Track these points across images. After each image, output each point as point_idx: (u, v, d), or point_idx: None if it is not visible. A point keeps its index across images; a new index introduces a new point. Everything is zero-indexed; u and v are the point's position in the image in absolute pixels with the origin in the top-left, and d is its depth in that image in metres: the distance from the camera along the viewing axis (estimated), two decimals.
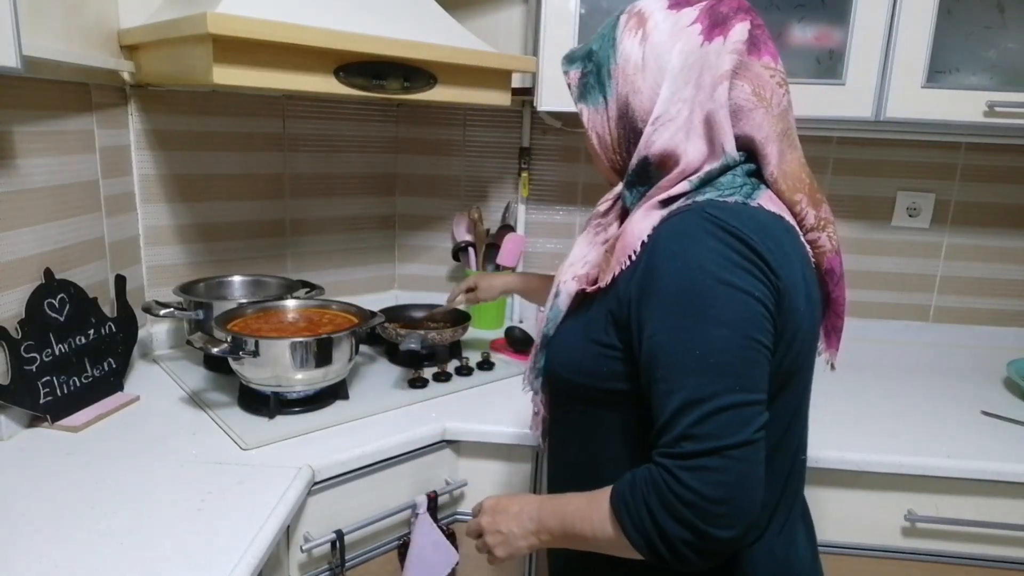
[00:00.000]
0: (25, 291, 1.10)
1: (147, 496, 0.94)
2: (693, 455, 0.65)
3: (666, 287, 0.69)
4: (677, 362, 0.67)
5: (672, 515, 0.65)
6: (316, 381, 1.21)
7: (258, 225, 1.63)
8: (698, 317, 0.67)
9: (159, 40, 1.20)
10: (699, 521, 0.64)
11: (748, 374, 0.67)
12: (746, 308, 0.67)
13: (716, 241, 0.68)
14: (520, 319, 1.86)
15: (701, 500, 0.64)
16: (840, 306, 0.84)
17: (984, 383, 1.52)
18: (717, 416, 0.65)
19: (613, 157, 0.83)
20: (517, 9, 1.58)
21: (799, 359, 0.75)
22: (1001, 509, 1.18)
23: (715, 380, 0.66)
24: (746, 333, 0.67)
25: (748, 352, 0.67)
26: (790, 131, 0.78)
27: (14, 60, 0.89)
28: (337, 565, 1.07)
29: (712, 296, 0.67)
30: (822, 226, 0.79)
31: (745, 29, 0.74)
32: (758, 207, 0.73)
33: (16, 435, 1.10)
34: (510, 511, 0.82)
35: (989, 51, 1.35)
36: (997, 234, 1.73)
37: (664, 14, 0.77)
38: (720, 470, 0.64)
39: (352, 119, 1.72)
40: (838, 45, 1.35)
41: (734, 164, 0.75)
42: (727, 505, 0.64)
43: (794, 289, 0.72)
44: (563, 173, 1.80)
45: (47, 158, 1.16)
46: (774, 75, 0.75)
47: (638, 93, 0.77)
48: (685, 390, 0.66)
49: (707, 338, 0.67)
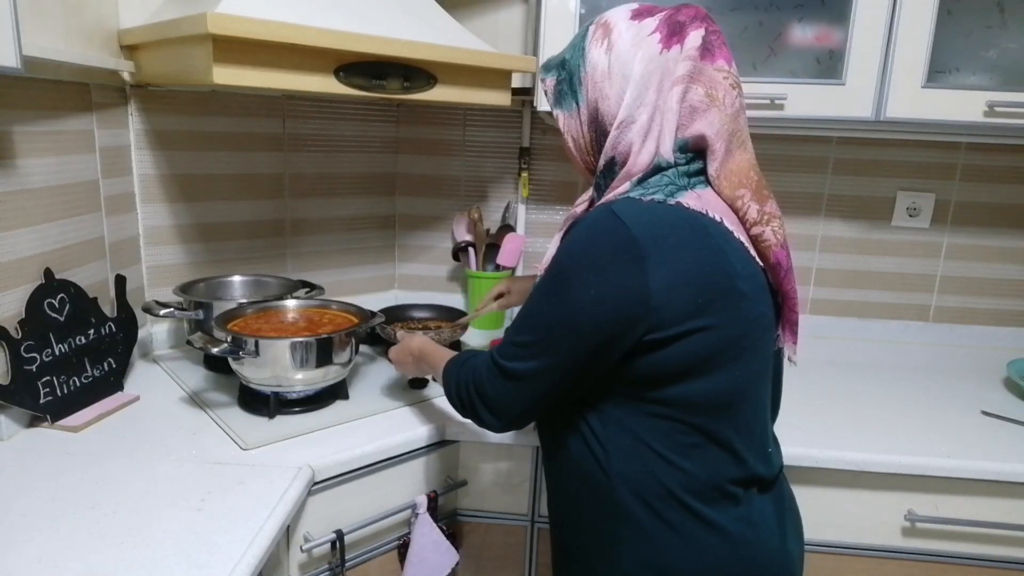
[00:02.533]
0: (25, 291, 1.10)
1: (147, 496, 0.94)
2: (499, 367, 0.87)
3: (550, 263, 0.84)
4: (525, 317, 0.85)
5: (466, 383, 0.93)
6: (316, 381, 1.21)
7: (258, 225, 1.63)
8: (557, 289, 0.81)
9: (159, 40, 1.20)
10: (476, 394, 0.91)
11: (563, 344, 0.80)
12: (595, 295, 0.77)
13: (600, 231, 0.78)
14: None
15: (489, 392, 0.89)
16: (792, 300, 0.88)
17: (984, 383, 1.53)
18: (532, 362, 0.83)
19: (587, 159, 0.90)
20: (517, 9, 1.58)
21: (716, 347, 0.79)
22: (1001, 509, 1.18)
23: (542, 340, 0.82)
24: (579, 312, 0.78)
25: (571, 328, 0.79)
26: (740, 132, 0.84)
27: (14, 60, 0.89)
28: (337, 565, 1.08)
29: (571, 275, 0.79)
30: (766, 220, 0.83)
31: (699, 36, 0.81)
32: (675, 204, 0.79)
33: (16, 435, 1.10)
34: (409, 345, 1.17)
35: (989, 51, 1.35)
36: (997, 234, 1.73)
37: (627, 24, 0.84)
38: (498, 380, 0.88)
39: (352, 119, 1.72)
40: (838, 45, 1.35)
41: (666, 165, 0.81)
42: (488, 402, 0.90)
43: (678, 280, 0.76)
44: (563, 173, 1.80)
45: (47, 158, 1.16)
46: (727, 77, 0.82)
47: (606, 99, 0.84)
48: (522, 334, 0.85)
49: (548, 307, 0.82)
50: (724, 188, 0.83)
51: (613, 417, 0.84)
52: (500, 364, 0.87)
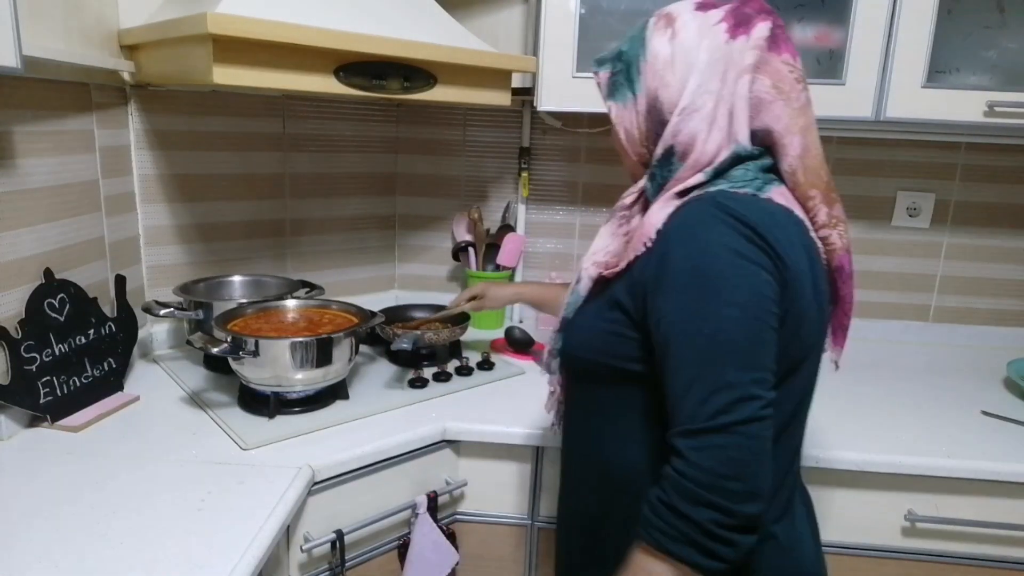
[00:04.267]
0: (25, 291, 1.10)
1: (147, 496, 0.94)
2: (703, 432, 0.67)
3: (677, 271, 0.73)
4: (688, 342, 0.71)
5: (695, 500, 0.67)
6: (316, 381, 1.21)
7: (258, 225, 1.63)
8: (708, 298, 0.71)
9: (159, 40, 1.20)
10: (721, 499, 0.66)
11: (756, 352, 0.70)
12: (755, 288, 0.71)
13: (724, 226, 0.72)
14: (520, 319, 1.86)
15: (716, 478, 0.66)
16: (848, 304, 0.87)
17: (984, 383, 1.52)
18: (723, 393, 0.68)
19: (640, 151, 0.87)
20: (517, 9, 1.58)
21: (805, 348, 0.77)
22: (1001, 509, 1.18)
23: (723, 358, 0.69)
24: (755, 313, 0.70)
25: (756, 331, 0.70)
26: (810, 128, 0.81)
27: (14, 60, 0.89)
28: (337, 565, 1.07)
29: (722, 277, 0.70)
30: (833, 224, 0.82)
31: (767, 28, 0.78)
32: (768, 200, 0.77)
33: (16, 435, 1.10)
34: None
35: (989, 51, 1.35)
36: (997, 234, 1.73)
37: (692, 14, 0.81)
38: (731, 448, 0.67)
39: (352, 119, 1.72)
40: (838, 45, 1.35)
41: (746, 155, 0.79)
42: (740, 481, 0.66)
43: (800, 277, 0.74)
44: (563, 173, 1.80)
45: (47, 158, 1.16)
46: (793, 71, 0.79)
47: (667, 87, 0.80)
48: (694, 367, 0.70)
49: (717, 318, 0.70)
50: (799, 186, 0.80)
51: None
52: (705, 426, 0.67)
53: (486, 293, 1.45)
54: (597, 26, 1.40)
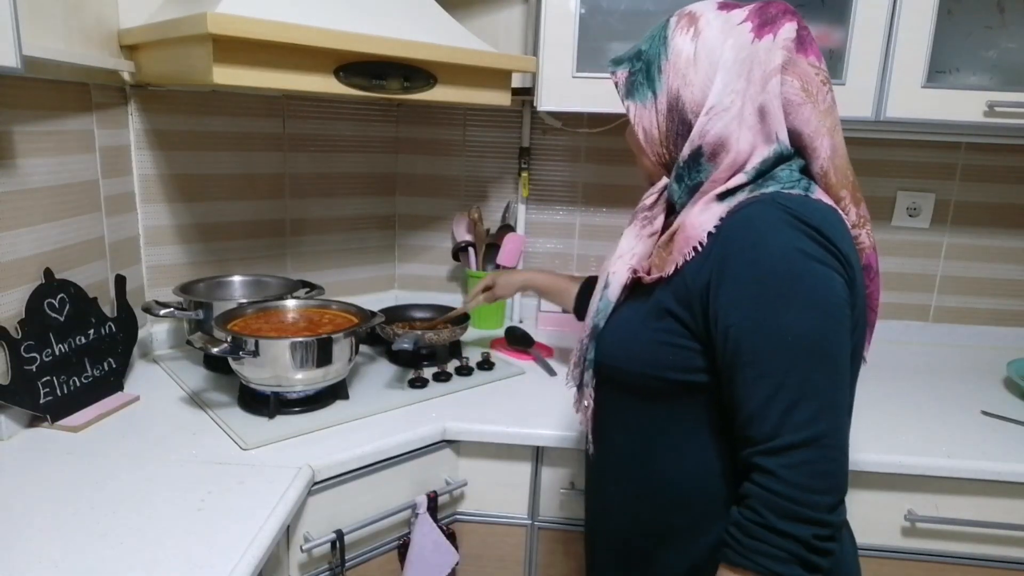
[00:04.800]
0: (25, 291, 1.10)
1: (147, 496, 0.94)
2: (792, 447, 0.67)
3: (747, 275, 0.71)
4: (764, 349, 0.69)
5: (795, 518, 0.66)
6: (316, 381, 1.21)
7: (258, 225, 1.63)
8: (785, 301, 0.69)
9: (159, 40, 1.20)
10: (816, 513, 0.66)
11: (836, 356, 0.69)
12: (831, 290, 0.70)
13: (792, 229, 0.71)
14: (520, 319, 1.86)
15: (812, 494, 0.66)
16: (875, 301, 0.86)
17: (984, 383, 1.52)
18: (810, 402, 0.67)
19: (660, 151, 0.85)
20: (517, 9, 1.58)
21: (858, 344, 0.77)
22: (1001, 509, 1.18)
23: (807, 365, 0.68)
24: (835, 316, 0.69)
25: (837, 334, 0.70)
26: (838, 128, 0.80)
27: (14, 60, 0.89)
28: (337, 565, 1.07)
29: (798, 280, 0.69)
30: (862, 223, 0.82)
31: (793, 28, 0.77)
32: (819, 201, 0.76)
33: (16, 435, 1.10)
34: None
35: (989, 51, 1.35)
36: (997, 234, 1.73)
37: (715, 13, 0.80)
38: (820, 461, 0.67)
39: (352, 119, 1.72)
40: (838, 45, 1.35)
41: (788, 155, 0.78)
42: (832, 493, 0.67)
43: (859, 276, 0.75)
44: (563, 173, 1.80)
45: (47, 158, 1.16)
46: (819, 73, 0.78)
47: (689, 86, 0.79)
48: (774, 377, 0.68)
49: (796, 321, 0.68)
50: (831, 187, 0.79)
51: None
52: (793, 441, 0.67)
53: (496, 281, 1.44)
54: (597, 26, 1.40)
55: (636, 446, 0.85)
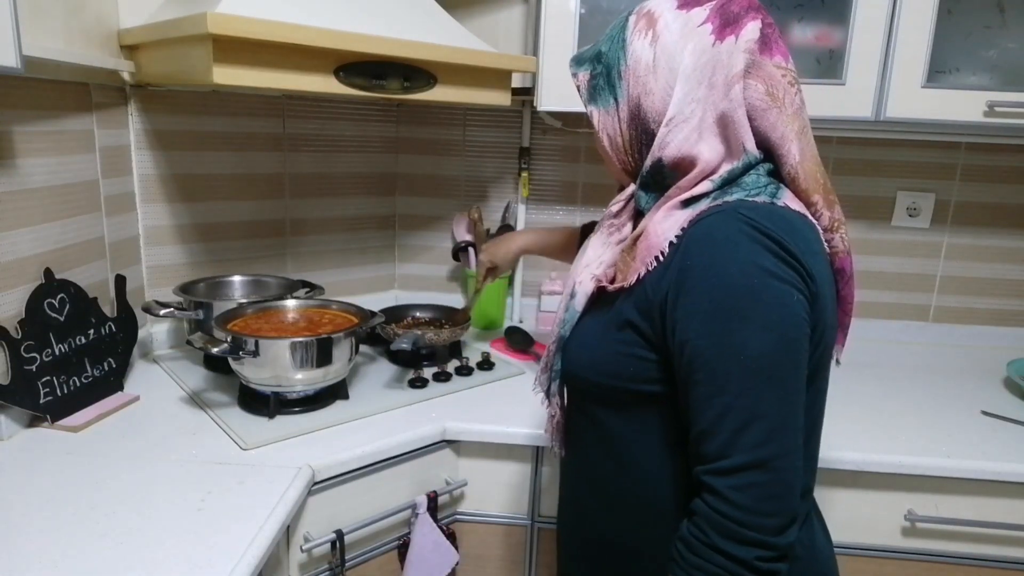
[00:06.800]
0: (25, 291, 1.10)
1: (147, 496, 0.94)
2: (741, 469, 0.66)
3: (705, 289, 0.68)
4: (718, 367, 0.68)
5: (740, 540, 0.66)
6: (316, 381, 1.21)
7: (258, 225, 1.63)
8: (741, 320, 0.67)
9: (159, 40, 1.20)
10: (761, 535, 0.66)
11: (790, 378, 0.68)
12: (788, 309, 0.67)
13: (752, 242, 0.68)
14: (520, 319, 1.86)
15: (758, 516, 0.66)
16: (848, 304, 0.84)
17: (984, 383, 1.52)
18: (761, 423, 0.66)
19: (625, 159, 0.82)
20: (517, 9, 1.58)
21: (823, 356, 0.75)
22: (1001, 509, 1.18)
23: (759, 386, 0.66)
24: (791, 336, 0.67)
25: (792, 355, 0.68)
26: (807, 129, 0.77)
27: (14, 60, 0.89)
28: (337, 565, 1.07)
29: (755, 298, 0.67)
30: (835, 227, 0.79)
31: (757, 28, 0.74)
32: (784, 207, 0.73)
33: (16, 435, 1.10)
34: None
35: (989, 51, 1.35)
36: (997, 234, 1.73)
37: (674, 14, 0.76)
38: (768, 484, 0.66)
39: (352, 119, 1.72)
40: (838, 45, 1.35)
41: (756, 162, 0.75)
42: (779, 516, 0.66)
43: (824, 286, 0.72)
44: (563, 173, 1.80)
45: (47, 158, 1.16)
46: (785, 75, 0.75)
47: (650, 94, 0.76)
48: (727, 396, 0.67)
49: (751, 341, 0.67)
50: (803, 190, 0.76)
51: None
52: (742, 463, 0.66)
53: (494, 260, 1.41)
54: (597, 26, 1.40)
55: (602, 455, 0.84)
